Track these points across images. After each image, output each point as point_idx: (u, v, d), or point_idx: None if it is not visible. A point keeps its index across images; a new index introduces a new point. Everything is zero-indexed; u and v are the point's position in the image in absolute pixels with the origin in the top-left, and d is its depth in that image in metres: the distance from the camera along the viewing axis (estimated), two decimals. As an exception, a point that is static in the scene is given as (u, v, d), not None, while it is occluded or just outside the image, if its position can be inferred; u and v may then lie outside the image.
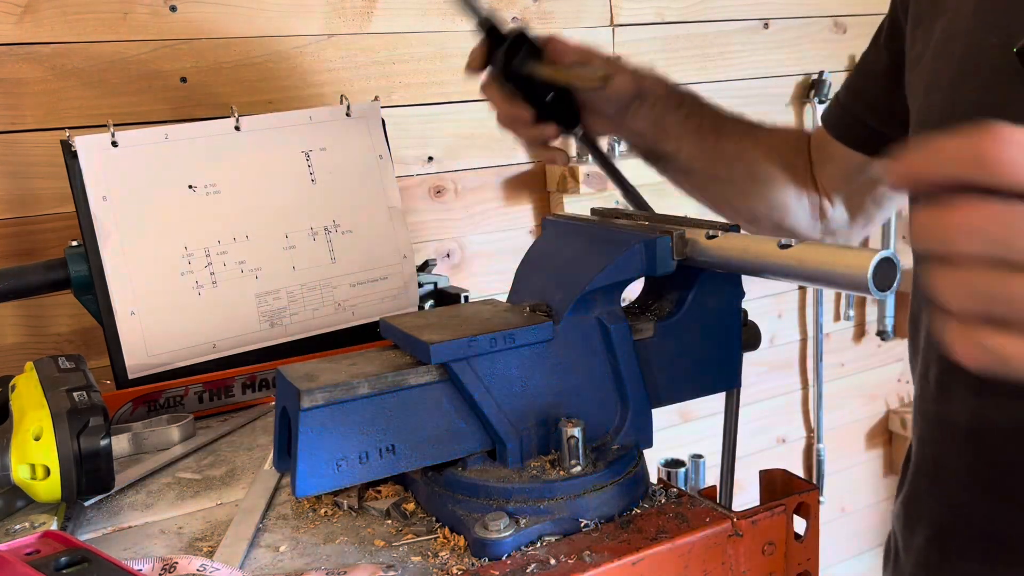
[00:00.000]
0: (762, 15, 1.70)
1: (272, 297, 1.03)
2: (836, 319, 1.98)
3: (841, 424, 2.03)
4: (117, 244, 0.96)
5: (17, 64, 1.10)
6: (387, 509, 0.69)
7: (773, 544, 0.64)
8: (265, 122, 1.07)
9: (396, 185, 1.13)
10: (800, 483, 0.68)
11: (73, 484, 0.68)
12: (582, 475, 0.65)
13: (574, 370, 0.69)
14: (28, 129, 1.12)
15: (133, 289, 0.96)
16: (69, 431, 0.68)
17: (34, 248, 1.13)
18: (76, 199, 0.96)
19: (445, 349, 0.64)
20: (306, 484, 0.62)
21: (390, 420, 0.64)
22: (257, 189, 1.04)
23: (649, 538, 0.62)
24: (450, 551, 0.62)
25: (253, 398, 0.99)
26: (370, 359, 0.67)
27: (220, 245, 1.01)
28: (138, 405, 0.93)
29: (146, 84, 1.17)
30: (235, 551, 0.64)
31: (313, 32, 1.28)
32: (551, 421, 0.68)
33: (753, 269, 0.64)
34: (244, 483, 0.78)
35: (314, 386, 0.61)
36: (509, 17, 1.42)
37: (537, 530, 0.62)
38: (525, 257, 0.77)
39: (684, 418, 1.76)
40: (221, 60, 1.22)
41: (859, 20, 1.81)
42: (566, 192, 1.44)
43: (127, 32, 1.16)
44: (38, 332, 1.15)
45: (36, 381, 0.74)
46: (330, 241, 1.07)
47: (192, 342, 0.99)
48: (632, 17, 1.56)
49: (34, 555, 0.56)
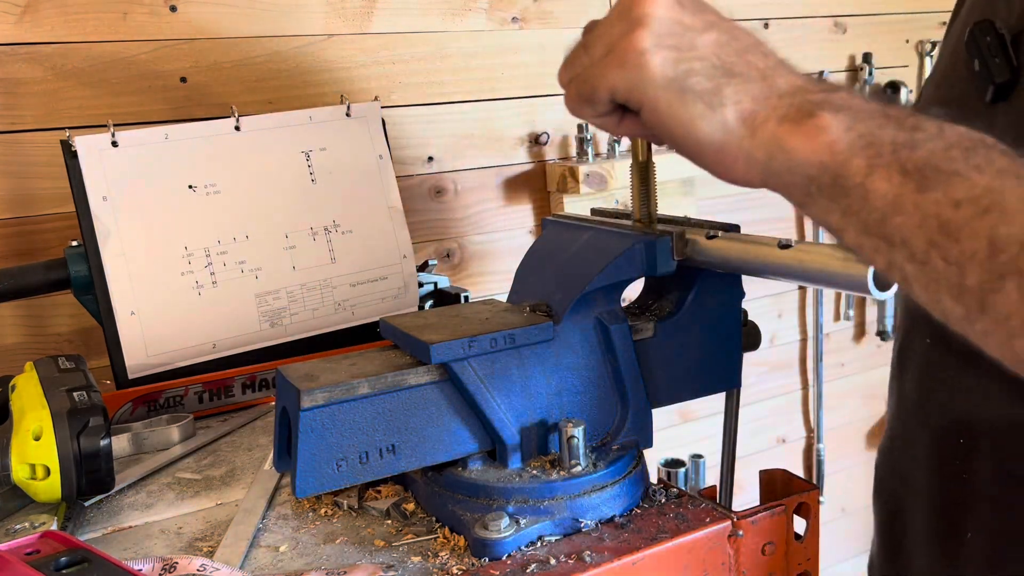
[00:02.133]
0: (762, 15, 1.70)
1: (272, 297, 1.03)
2: (836, 319, 1.98)
3: (841, 424, 2.03)
4: (117, 244, 0.96)
5: (17, 64, 1.10)
6: (387, 509, 0.69)
7: (773, 544, 0.64)
8: (265, 122, 1.07)
9: (396, 185, 1.13)
10: (800, 483, 0.68)
11: (73, 484, 0.68)
12: (582, 475, 0.65)
13: (574, 370, 0.69)
14: (28, 129, 1.12)
15: (133, 289, 0.96)
16: (69, 431, 0.68)
17: (34, 248, 1.13)
18: (76, 199, 0.96)
19: (445, 349, 0.64)
20: (306, 484, 0.62)
21: (390, 420, 0.64)
22: (257, 189, 1.04)
23: (649, 538, 0.62)
24: (450, 551, 0.62)
25: (253, 398, 0.99)
26: (370, 359, 0.67)
27: (220, 245, 1.01)
28: (138, 405, 0.93)
29: (146, 84, 1.17)
30: (235, 551, 0.64)
31: (313, 32, 1.28)
32: (551, 421, 0.68)
33: (753, 269, 0.64)
34: (244, 483, 0.78)
35: (314, 386, 0.61)
36: (509, 17, 1.42)
37: (537, 530, 0.62)
38: (525, 257, 0.77)
39: (684, 418, 1.76)
40: (221, 60, 1.22)
41: (859, 20, 1.81)
42: (566, 192, 1.44)
43: (127, 32, 1.16)
44: (38, 332, 1.15)
45: (36, 381, 0.74)
46: (330, 241, 1.07)
47: (192, 342, 0.99)
48: (632, 17, 1.56)
49: (34, 555, 0.56)
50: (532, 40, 1.45)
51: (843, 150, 0.44)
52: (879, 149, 0.44)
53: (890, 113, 0.45)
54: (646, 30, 0.48)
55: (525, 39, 1.45)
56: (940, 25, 1.97)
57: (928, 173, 0.42)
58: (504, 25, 1.42)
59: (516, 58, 1.44)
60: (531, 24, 1.45)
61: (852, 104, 0.46)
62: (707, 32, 0.49)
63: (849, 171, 0.44)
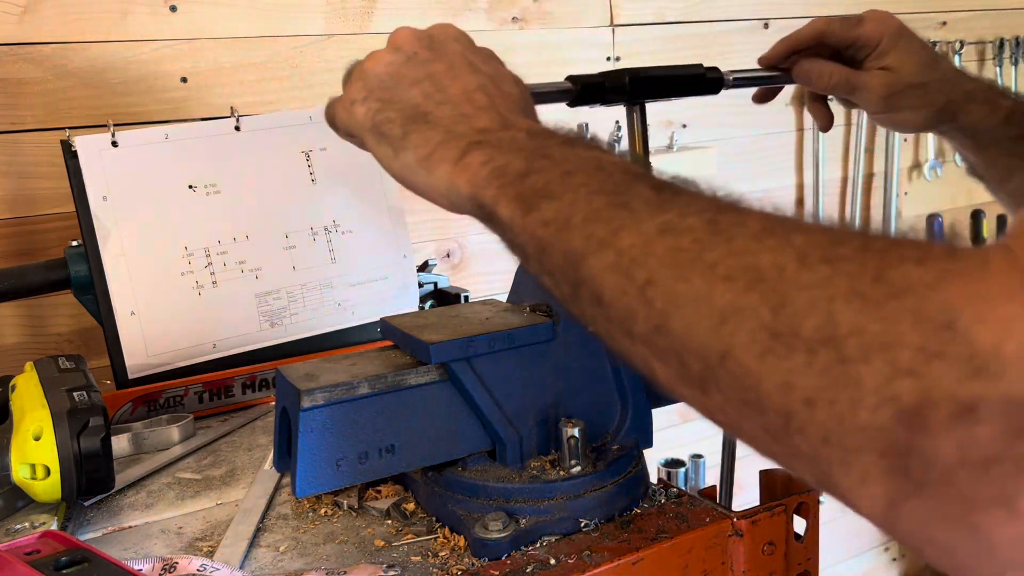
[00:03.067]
0: (762, 15, 1.70)
1: (272, 297, 1.03)
2: (836, 319, 1.98)
3: (841, 424, 2.03)
4: (117, 244, 0.96)
5: (17, 64, 1.10)
6: (387, 509, 0.69)
7: (773, 544, 0.64)
8: (265, 122, 1.07)
9: (396, 185, 1.13)
10: (800, 483, 0.68)
11: (73, 484, 0.68)
12: (582, 475, 0.65)
13: (574, 370, 0.69)
14: (28, 129, 1.12)
15: (133, 289, 0.96)
16: (69, 431, 0.68)
17: (34, 248, 1.13)
18: (76, 199, 0.96)
19: (445, 349, 0.64)
20: (306, 484, 0.62)
21: (390, 420, 0.64)
22: (257, 189, 1.04)
23: (649, 538, 0.62)
24: (450, 551, 0.62)
25: (253, 398, 0.99)
26: (370, 359, 0.67)
27: (220, 245, 1.01)
28: (138, 405, 0.93)
29: (146, 84, 1.17)
30: (235, 551, 0.64)
31: (313, 32, 1.28)
32: (551, 421, 0.68)
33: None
34: (244, 483, 0.78)
35: (314, 386, 0.61)
36: (509, 17, 1.42)
37: (537, 530, 0.62)
38: (525, 257, 0.77)
39: (684, 418, 1.76)
40: (221, 60, 1.22)
41: (859, 20, 1.81)
42: (566, 192, 1.44)
43: (127, 32, 1.16)
44: (38, 332, 1.15)
45: (36, 381, 0.73)
46: (330, 241, 1.07)
47: (192, 342, 0.99)
48: (632, 17, 1.56)
49: (34, 555, 0.56)
50: (532, 40, 1.45)
51: (479, 182, 0.50)
52: (504, 180, 0.48)
53: (533, 148, 0.50)
54: (361, 83, 0.58)
55: (525, 39, 1.45)
56: (940, 25, 1.97)
57: (532, 198, 0.46)
58: (504, 25, 1.43)
59: (516, 58, 1.43)
60: (531, 24, 1.45)
61: (504, 142, 0.51)
62: (416, 86, 0.56)
63: (485, 200, 0.49)
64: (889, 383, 0.30)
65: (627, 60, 1.55)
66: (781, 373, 0.33)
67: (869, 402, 0.31)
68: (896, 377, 0.30)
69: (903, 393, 0.30)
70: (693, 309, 0.36)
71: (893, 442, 0.30)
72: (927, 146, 2.00)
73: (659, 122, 1.61)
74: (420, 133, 0.54)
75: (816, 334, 0.32)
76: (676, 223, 0.39)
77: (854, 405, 0.31)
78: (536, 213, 0.45)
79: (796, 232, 0.36)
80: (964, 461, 0.29)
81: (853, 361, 0.31)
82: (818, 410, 0.32)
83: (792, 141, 1.81)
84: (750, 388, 0.34)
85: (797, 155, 1.83)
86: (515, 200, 0.47)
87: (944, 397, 0.29)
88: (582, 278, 0.42)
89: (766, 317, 0.34)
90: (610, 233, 0.41)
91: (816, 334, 0.32)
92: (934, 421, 0.29)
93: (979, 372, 0.29)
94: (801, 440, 0.33)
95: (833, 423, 0.32)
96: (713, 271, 0.36)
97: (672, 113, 1.62)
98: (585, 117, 1.49)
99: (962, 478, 0.29)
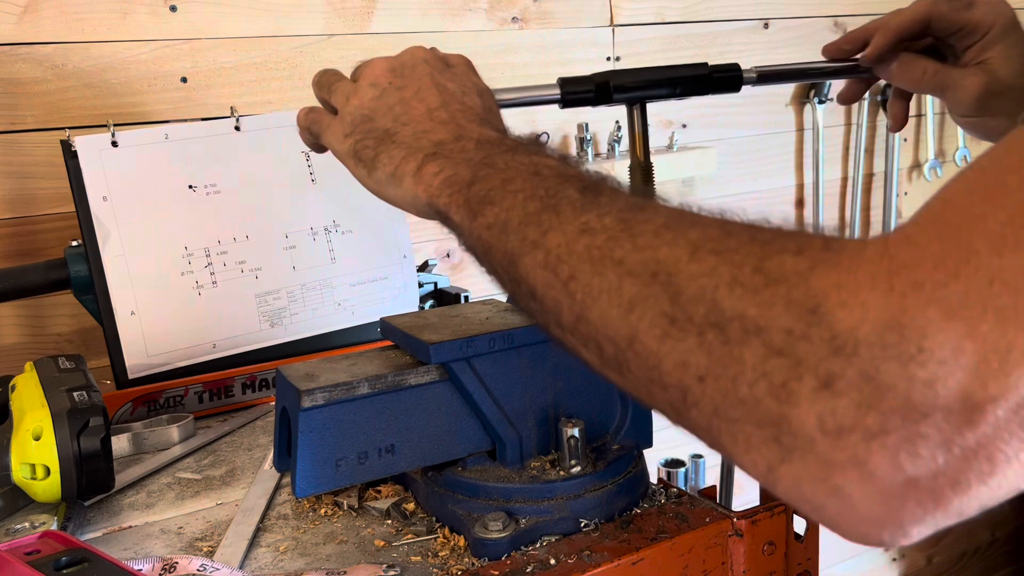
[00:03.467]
0: (762, 15, 1.70)
1: (272, 297, 1.03)
2: (836, 319, 1.98)
3: (841, 424, 2.03)
4: (117, 244, 0.96)
5: (17, 64, 1.10)
6: (387, 509, 0.69)
7: (773, 544, 0.64)
8: (265, 122, 1.07)
9: (396, 185, 1.13)
10: (800, 483, 0.68)
11: (73, 484, 0.68)
12: (582, 475, 0.65)
13: (574, 370, 0.69)
14: (28, 129, 1.12)
15: (133, 289, 0.96)
16: (69, 431, 0.68)
17: (34, 248, 1.13)
18: (76, 199, 0.96)
19: (445, 349, 0.64)
20: (306, 484, 0.62)
21: (390, 420, 0.64)
22: (257, 189, 1.04)
23: (649, 538, 0.62)
24: (450, 551, 0.62)
25: (253, 398, 0.99)
26: (370, 359, 0.67)
27: (220, 245, 1.01)
28: (138, 405, 0.93)
29: (146, 84, 1.17)
30: (235, 551, 0.64)
31: (313, 32, 1.28)
32: (551, 421, 0.68)
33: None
34: (244, 483, 0.78)
35: (314, 386, 0.61)
36: (509, 17, 1.42)
37: (537, 530, 0.62)
38: (525, 257, 0.77)
39: (684, 418, 1.76)
40: (221, 60, 1.22)
41: (859, 20, 1.81)
42: (566, 192, 1.44)
43: (127, 32, 1.16)
44: (38, 332, 1.15)
45: (36, 381, 0.73)
46: (330, 241, 1.07)
47: (192, 342, 0.99)
48: (632, 17, 1.56)
49: (34, 555, 0.56)
50: (532, 40, 1.45)
51: (434, 191, 0.55)
52: (454, 188, 0.53)
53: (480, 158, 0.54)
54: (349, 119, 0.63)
55: (525, 39, 1.45)
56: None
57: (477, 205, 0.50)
58: (504, 25, 1.42)
59: (516, 58, 1.44)
60: (531, 24, 1.45)
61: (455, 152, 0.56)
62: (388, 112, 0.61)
63: (440, 207, 0.54)
64: (764, 361, 0.34)
65: (627, 60, 1.55)
66: (678, 353, 0.37)
67: (748, 378, 0.35)
68: (769, 356, 0.34)
69: (774, 371, 0.34)
70: (606, 300, 0.41)
71: (767, 414, 0.34)
72: (927, 146, 2.00)
73: (659, 122, 1.61)
74: (387, 152, 0.60)
75: (705, 319, 0.37)
76: (594, 224, 0.43)
77: (736, 381, 0.35)
78: (481, 218, 0.50)
79: (692, 227, 0.40)
80: (823, 430, 0.33)
81: (735, 343, 0.35)
82: (708, 385, 0.36)
83: (792, 141, 1.81)
84: (653, 367, 0.39)
85: (797, 155, 1.82)
86: (463, 206, 0.52)
87: (807, 373, 0.33)
88: (520, 276, 0.47)
89: (665, 305, 0.38)
90: (540, 235, 0.45)
91: (705, 319, 0.37)
92: (799, 395, 0.33)
93: (838, 351, 0.33)
94: (697, 413, 0.38)
95: (720, 397, 0.36)
96: (621, 265, 0.41)
97: (672, 113, 1.62)
98: (585, 117, 1.49)
99: (822, 445, 0.33)
